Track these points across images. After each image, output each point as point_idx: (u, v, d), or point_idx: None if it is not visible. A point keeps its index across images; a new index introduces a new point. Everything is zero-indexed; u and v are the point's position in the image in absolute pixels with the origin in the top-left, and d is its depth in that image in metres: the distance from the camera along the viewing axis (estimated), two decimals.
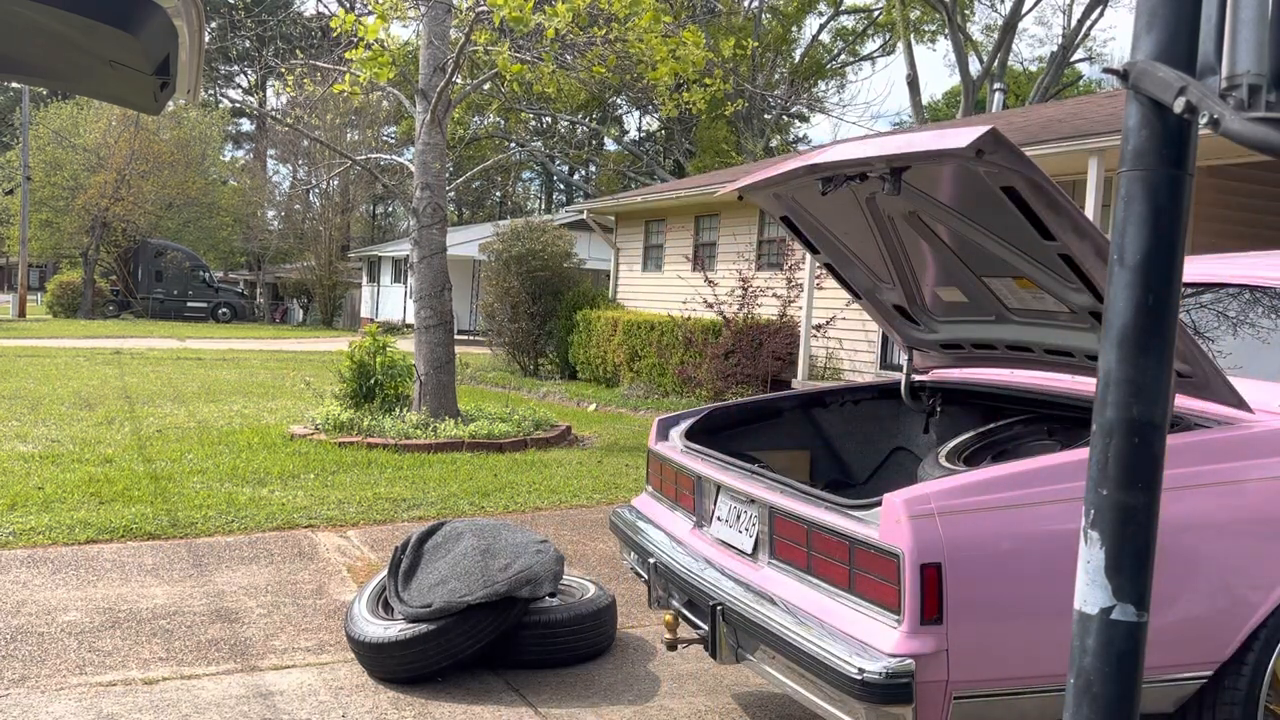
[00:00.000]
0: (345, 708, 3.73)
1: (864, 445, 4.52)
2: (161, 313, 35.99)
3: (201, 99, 2.79)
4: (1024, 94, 34.80)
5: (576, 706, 3.83)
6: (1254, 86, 1.29)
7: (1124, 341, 1.37)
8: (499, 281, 17.24)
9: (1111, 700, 1.39)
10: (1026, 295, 3.33)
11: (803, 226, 3.78)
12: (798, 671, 2.75)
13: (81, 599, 4.82)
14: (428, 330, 10.18)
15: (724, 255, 15.78)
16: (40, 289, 45.11)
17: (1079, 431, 3.54)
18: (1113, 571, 1.38)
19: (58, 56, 2.04)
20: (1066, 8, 35.50)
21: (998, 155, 2.58)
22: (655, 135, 46.49)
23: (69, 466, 7.73)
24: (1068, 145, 9.65)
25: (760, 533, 3.15)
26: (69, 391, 12.60)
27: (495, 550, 4.16)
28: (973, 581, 2.53)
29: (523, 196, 52.90)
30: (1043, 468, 2.69)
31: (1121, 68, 1.37)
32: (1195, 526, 2.68)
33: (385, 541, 6.02)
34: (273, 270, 41.89)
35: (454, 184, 12.96)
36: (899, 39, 33.85)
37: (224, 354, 20.39)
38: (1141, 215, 1.36)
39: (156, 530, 6.05)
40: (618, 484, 8.09)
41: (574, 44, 10.00)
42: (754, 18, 36.59)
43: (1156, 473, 1.39)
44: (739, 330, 13.01)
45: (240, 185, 42.89)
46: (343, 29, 9.83)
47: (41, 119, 36.39)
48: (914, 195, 3.12)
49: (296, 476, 7.78)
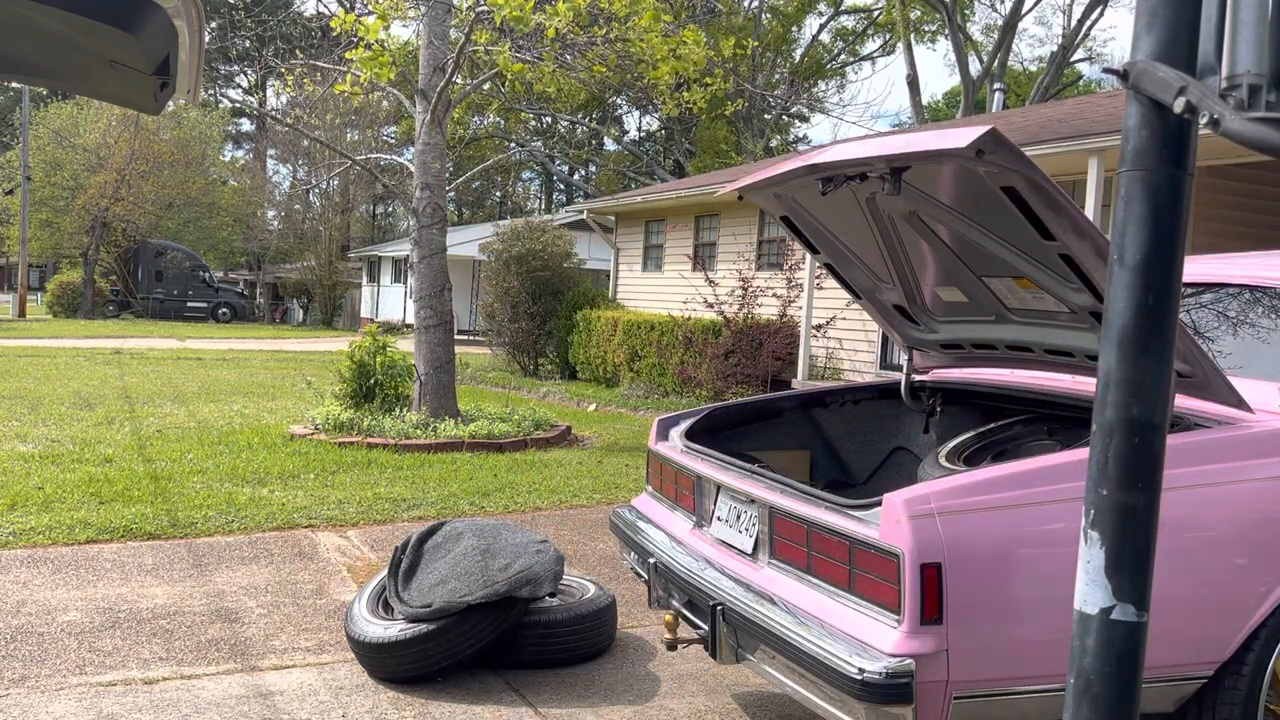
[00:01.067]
0: (345, 708, 3.73)
1: (864, 445, 4.52)
2: (161, 313, 35.99)
3: (201, 99, 2.79)
4: (1024, 94, 34.79)
5: (576, 706, 3.83)
6: (1254, 86, 1.29)
7: (1124, 341, 1.37)
8: (499, 281, 17.24)
9: (1111, 700, 1.39)
10: (1026, 295, 3.33)
11: (803, 226, 3.78)
12: (798, 671, 2.75)
13: (81, 599, 4.82)
14: (428, 330, 10.19)
15: (724, 255, 15.78)
16: (40, 289, 45.12)
17: (1079, 431, 3.54)
18: (1113, 571, 1.38)
19: (58, 56, 2.04)
20: (1066, 8, 35.52)
21: (998, 155, 2.58)
22: (655, 135, 46.48)
23: (69, 466, 7.73)
24: (1068, 145, 9.65)
25: (760, 533, 3.15)
26: (69, 391, 12.60)
27: (495, 550, 4.16)
28: (973, 581, 2.53)
29: (523, 196, 52.90)
30: (1043, 468, 2.69)
31: (1121, 68, 1.37)
32: (1195, 526, 2.68)
33: (385, 541, 6.02)
34: (273, 270, 41.88)
35: (454, 184, 12.96)
36: (899, 39, 33.86)
37: (224, 354, 20.39)
38: (1141, 215, 1.36)
39: (156, 530, 6.05)
40: (618, 484, 8.09)
41: (574, 43, 10.00)
42: (754, 18, 36.58)
43: (1156, 473, 1.39)
44: (739, 330, 13.01)
45: (240, 185, 42.88)
46: (343, 29, 9.83)
47: (41, 119, 36.38)
48: (914, 195, 3.12)
49: (296, 476, 7.78)
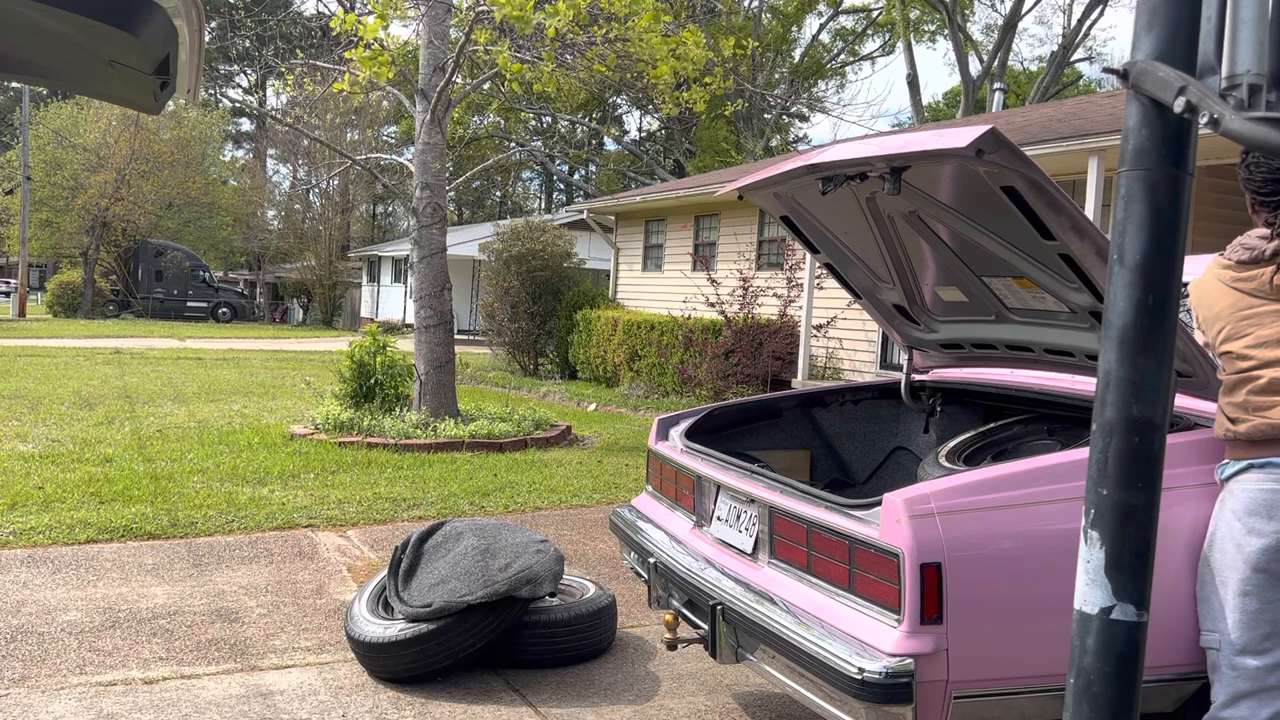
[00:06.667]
0: (345, 707, 3.73)
1: (864, 445, 4.52)
2: (161, 312, 35.98)
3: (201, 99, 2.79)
4: (1024, 94, 34.79)
5: (576, 706, 3.83)
6: (1254, 86, 1.29)
7: (1124, 341, 1.37)
8: (499, 281, 17.24)
9: (1111, 700, 1.39)
10: (1026, 295, 3.33)
11: (803, 226, 3.78)
12: (798, 671, 2.75)
13: (81, 599, 4.82)
14: (428, 330, 10.19)
15: (724, 255, 15.77)
16: (40, 289, 45.10)
17: (1079, 431, 3.54)
18: (1113, 571, 1.38)
19: (58, 56, 2.04)
20: (1066, 7, 35.55)
21: (998, 155, 2.58)
22: (655, 135, 46.46)
23: (69, 466, 7.73)
24: (1068, 145, 9.65)
25: (760, 532, 3.15)
26: (69, 391, 12.60)
27: (495, 550, 4.16)
28: (973, 581, 2.53)
29: (523, 196, 52.88)
30: (1043, 468, 2.69)
31: (1121, 67, 1.37)
32: (1195, 526, 2.68)
33: (385, 541, 6.02)
34: (273, 270, 41.88)
35: (454, 184, 12.95)
36: (899, 39, 33.87)
37: (224, 354, 20.39)
38: (1141, 215, 1.36)
39: (156, 530, 6.05)
40: (618, 484, 8.09)
41: (574, 43, 10.00)
42: (754, 18, 36.57)
43: (1156, 472, 1.39)
44: (739, 330, 13.01)
45: (240, 185, 42.88)
46: (342, 28, 9.83)
47: (41, 119, 36.36)
48: (914, 195, 3.12)
49: (296, 476, 7.78)
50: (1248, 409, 2.57)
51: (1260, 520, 2.48)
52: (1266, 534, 2.47)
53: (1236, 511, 2.54)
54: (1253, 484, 2.53)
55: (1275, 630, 2.47)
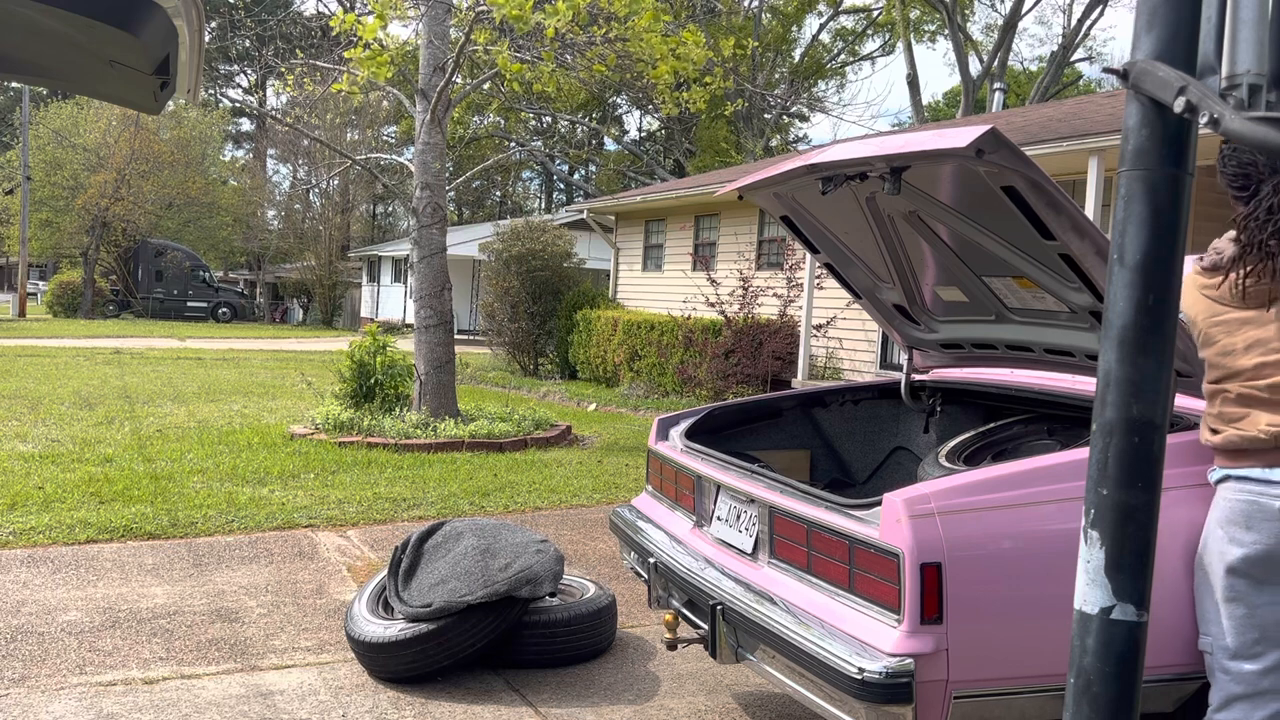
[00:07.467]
0: (345, 707, 3.73)
1: (864, 445, 4.52)
2: (161, 312, 35.97)
3: (201, 99, 2.79)
4: (1024, 94, 34.79)
5: (576, 706, 3.83)
6: (1254, 86, 1.29)
7: (1124, 341, 1.37)
8: (499, 281, 17.24)
9: (1111, 700, 1.38)
10: (1026, 295, 3.33)
11: (803, 226, 3.78)
12: (798, 671, 2.75)
13: (81, 599, 4.82)
14: (428, 330, 10.19)
15: (724, 255, 15.77)
16: (33, 295, 45.04)
17: (1079, 431, 3.54)
18: (1113, 571, 1.38)
19: (58, 56, 2.04)
20: (1066, 7, 35.55)
21: (998, 155, 2.58)
22: (655, 135, 46.45)
23: (69, 466, 7.73)
24: (1068, 145, 9.65)
25: (760, 532, 3.15)
26: (69, 391, 12.60)
27: (495, 550, 4.16)
28: (972, 581, 2.53)
29: (523, 196, 52.88)
30: (1043, 468, 2.69)
31: (1121, 67, 1.36)
32: (1195, 526, 2.68)
33: (385, 541, 6.02)
34: (273, 270, 41.87)
35: (454, 184, 12.96)
36: (899, 39, 33.86)
37: (224, 354, 20.39)
38: (1141, 215, 1.36)
39: (156, 530, 6.05)
40: (618, 484, 8.09)
41: (574, 43, 10.00)
42: (754, 18, 36.57)
43: (1156, 472, 1.39)
44: (739, 330, 13.01)
45: (240, 185, 42.87)
46: (342, 29, 9.83)
47: (41, 119, 36.36)
48: (914, 195, 3.12)
49: (296, 476, 7.78)
50: (1223, 420, 2.59)
51: (1239, 530, 2.50)
52: (1246, 544, 2.49)
53: (1219, 520, 2.56)
54: (1231, 494, 2.55)
55: (1265, 635, 2.48)
